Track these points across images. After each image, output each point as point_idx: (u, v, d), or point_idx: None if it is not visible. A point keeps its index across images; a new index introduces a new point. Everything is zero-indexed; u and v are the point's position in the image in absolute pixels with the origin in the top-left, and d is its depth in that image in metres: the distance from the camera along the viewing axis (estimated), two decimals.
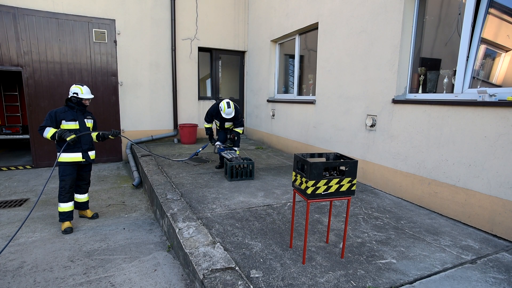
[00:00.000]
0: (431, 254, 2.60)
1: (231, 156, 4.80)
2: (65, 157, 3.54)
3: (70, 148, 3.54)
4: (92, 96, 3.76)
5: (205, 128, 5.35)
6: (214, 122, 5.35)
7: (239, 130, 5.23)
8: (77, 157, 3.61)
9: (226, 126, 5.25)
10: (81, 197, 3.90)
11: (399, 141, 3.97)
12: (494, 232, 3.01)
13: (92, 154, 3.78)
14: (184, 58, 7.72)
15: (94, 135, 3.80)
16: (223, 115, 4.93)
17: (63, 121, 3.52)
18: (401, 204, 3.82)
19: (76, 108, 3.65)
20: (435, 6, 3.96)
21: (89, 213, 3.99)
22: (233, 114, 4.94)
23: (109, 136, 3.85)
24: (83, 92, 3.66)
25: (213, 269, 2.27)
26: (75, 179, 3.68)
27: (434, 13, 3.96)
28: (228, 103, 4.91)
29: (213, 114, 5.15)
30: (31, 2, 6.06)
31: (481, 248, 2.74)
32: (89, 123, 3.76)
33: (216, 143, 5.19)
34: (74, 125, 3.59)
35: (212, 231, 2.93)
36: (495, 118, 2.95)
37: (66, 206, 3.60)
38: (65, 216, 3.61)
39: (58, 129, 3.49)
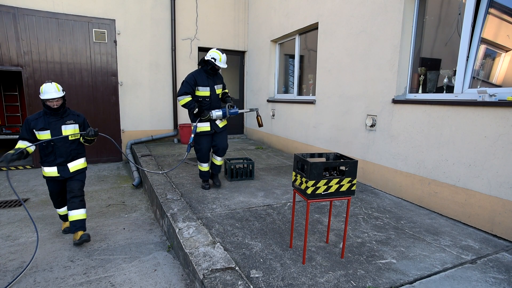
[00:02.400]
0: (431, 254, 2.60)
1: (250, 108, 4.26)
2: (44, 170, 3.16)
3: (46, 161, 3.11)
4: (58, 95, 2.98)
5: (185, 104, 3.85)
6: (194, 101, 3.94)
7: (227, 90, 4.37)
8: (51, 172, 3.12)
9: (218, 92, 4.06)
10: (72, 214, 3.18)
11: (399, 141, 3.97)
12: (494, 232, 3.02)
13: (73, 166, 3.21)
14: (184, 58, 7.72)
15: (80, 138, 3.30)
16: (221, 65, 3.83)
17: (34, 130, 3.01)
18: (401, 204, 3.82)
19: (49, 112, 3.03)
20: (435, 6, 3.96)
21: (78, 234, 3.17)
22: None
23: (86, 137, 3.19)
24: (42, 91, 2.96)
25: (213, 269, 2.27)
26: (60, 193, 3.32)
27: (434, 13, 3.96)
28: (221, 50, 3.93)
29: (197, 78, 3.85)
30: (31, 2, 6.06)
31: (481, 248, 2.74)
32: (68, 130, 3.11)
33: (213, 112, 3.97)
34: (45, 135, 3.02)
35: (212, 231, 2.93)
36: (495, 118, 2.95)
37: (61, 211, 3.49)
38: (63, 217, 3.53)
39: (35, 139, 3.04)
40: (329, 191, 2.31)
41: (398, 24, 3.89)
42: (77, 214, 3.20)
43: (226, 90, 4.30)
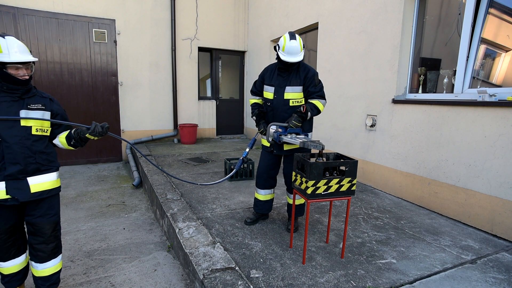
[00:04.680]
0: (431, 254, 2.60)
1: (303, 141, 2.51)
2: None
3: None
4: (30, 59, 1.89)
5: (251, 106, 3.06)
6: (264, 102, 2.98)
7: (317, 102, 2.74)
8: None
9: (287, 97, 2.78)
10: (40, 268, 2.08)
11: (399, 141, 3.97)
12: (494, 232, 3.02)
13: (37, 182, 1.95)
14: (184, 58, 7.72)
15: (63, 136, 2.08)
16: (284, 57, 2.64)
17: None
18: (401, 204, 3.82)
19: (1, 87, 1.85)
20: (435, 6, 3.96)
21: None
22: (301, 55, 2.68)
23: (87, 135, 2.05)
24: (1, 49, 1.78)
25: (213, 269, 2.27)
26: (9, 232, 2.00)
27: (434, 13, 3.96)
28: (292, 35, 2.67)
29: (265, 73, 2.92)
30: (31, 2, 6.06)
31: (481, 248, 2.74)
32: (30, 119, 1.90)
33: (271, 126, 2.75)
34: None
35: (212, 231, 2.93)
36: (495, 118, 2.95)
37: (13, 265, 2.09)
38: (8, 279, 2.11)
39: None
40: (329, 191, 2.31)
41: (398, 24, 3.89)
42: (46, 268, 2.08)
43: (314, 102, 2.74)
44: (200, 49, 7.98)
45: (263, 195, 3.09)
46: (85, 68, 6.67)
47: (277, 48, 2.73)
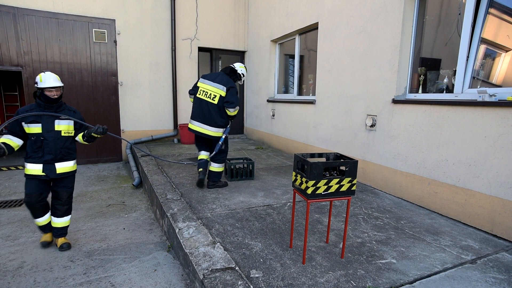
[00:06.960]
0: (431, 254, 2.60)
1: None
2: (27, 167, 2.89)
3: (31, 157, 2.86)
4: (59, 85, 2.88)
5: (237, 113, 4.22)
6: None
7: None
8: (35, 169, 2.86)
9: None
10: (55, 221, 3.12)
11: (399, 141, 3.97)
12: (494, 232, 3.02)
13: (61, 167, 2.96)
14: (184, 58, 7.72)
15: (80, 135, 3.11)
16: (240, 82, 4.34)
17: (23, 123, 2.82)
18: (401, 204, 3.82)
19: (43, 104, 2.85)
20: (435, 6, 3.96)
21: (60, 241, 3.13)
22: None
23: (93, 134, 3.03)
24: (42, 79, 2.80)
25: (213, 269, 2.27)
26: (40, 196, 2.94)
27: (434, 13, 3.96)
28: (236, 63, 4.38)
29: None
30: (31, 2, 6.06)
31: (481, 248, 2.74)
32: (62, 125, 2.94)
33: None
34: (35, 128, 2.82)
35: (212, 231, 2.93)
36: (495, 118, 2.95)
37: (42, 220, 3.07)
38: (43, 228, 3.14)
39: (23, 134, 2.86)
40: (329, 191, 2.31)
41: (398, 24, 3.89)
42: (60, 222, 3.12)
43: None
44: (200, 49, 7.98)
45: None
46: (85, 68, 6.68)
47: (243, 75, 4.26)
